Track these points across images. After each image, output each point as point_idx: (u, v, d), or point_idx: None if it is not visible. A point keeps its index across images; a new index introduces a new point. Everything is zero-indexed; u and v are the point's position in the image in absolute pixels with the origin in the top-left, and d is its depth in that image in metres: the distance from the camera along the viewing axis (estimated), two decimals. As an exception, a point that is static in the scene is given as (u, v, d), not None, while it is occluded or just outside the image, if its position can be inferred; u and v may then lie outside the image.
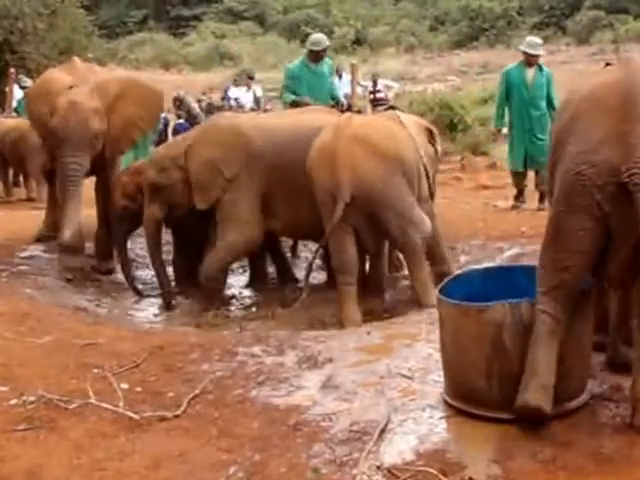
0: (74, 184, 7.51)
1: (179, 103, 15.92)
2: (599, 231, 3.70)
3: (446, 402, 4.19)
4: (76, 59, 8.56)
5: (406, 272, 7.14)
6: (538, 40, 10.42)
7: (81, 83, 7.78)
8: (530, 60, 9.90)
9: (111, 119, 7.76)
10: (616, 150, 3.58)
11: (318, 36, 9.59)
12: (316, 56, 9.16)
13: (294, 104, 8.76)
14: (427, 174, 6.88)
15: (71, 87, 7.70)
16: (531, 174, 10.18)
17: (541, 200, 9.64)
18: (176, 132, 13.74)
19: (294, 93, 8.95)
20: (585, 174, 3.64)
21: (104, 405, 4.27)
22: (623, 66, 3.83)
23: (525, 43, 10.14)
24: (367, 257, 7.11)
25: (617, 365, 4.34)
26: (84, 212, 7.88)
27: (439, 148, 7.25)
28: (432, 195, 7.14)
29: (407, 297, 7.01)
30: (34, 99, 8.24)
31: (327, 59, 9.49)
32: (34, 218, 9.09)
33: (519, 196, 10.21)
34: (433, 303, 6.21)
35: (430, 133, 7.14)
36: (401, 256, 7.31)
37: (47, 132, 7.76)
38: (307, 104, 8.42)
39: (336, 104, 8.87)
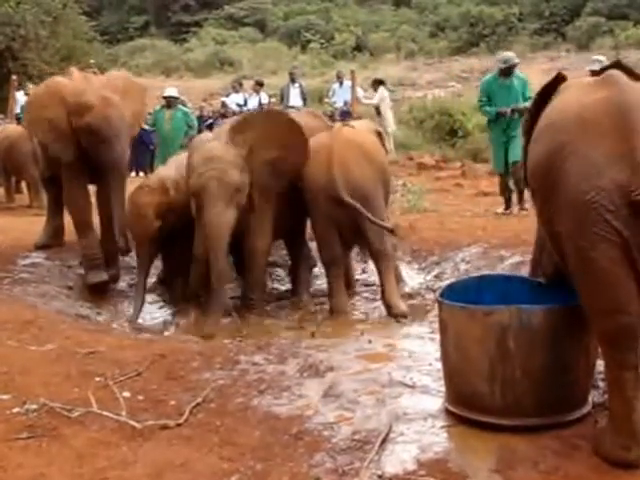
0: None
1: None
2: (628, 258, 3.45)
3: (448, 410, 4.20)
4: (74, 69, 8.54)
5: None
6: (599, 57, 10.48)
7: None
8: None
9: None
10: (621, 171, 3.41)
11: (507, 54, 10.75)
12: (505, 72, 10.25)
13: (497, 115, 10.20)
14: None
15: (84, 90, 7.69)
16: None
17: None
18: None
19: (489, 104, 10.31)
20: (595, 200, 3.43)
21: (106, 414, 4.27)
22: (608, 84, 3.67)
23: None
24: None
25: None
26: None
27: (388, 147, 8.01)
28: None
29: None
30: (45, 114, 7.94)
31: (519, 73, 10.54)
32: (36, 225, 9.08)
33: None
34: (401, 310, 6.78)
35: (379, 135, 7.68)
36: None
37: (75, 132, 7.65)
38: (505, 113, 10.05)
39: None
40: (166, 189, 7.20)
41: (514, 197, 10.42)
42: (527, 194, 9.95)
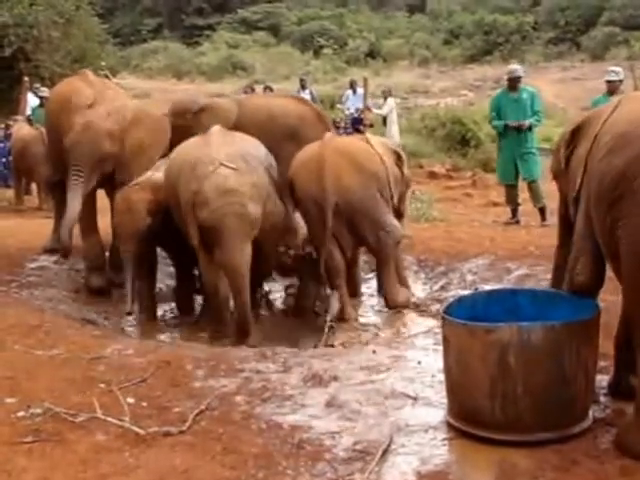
0: (72, 195, 7.60)
1: None
2: None
3: (449, 424, 4.21)
4: (88, 72, 8.59)
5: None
6: (615, 68, 10.34)
7: (100, 100, 7.85)
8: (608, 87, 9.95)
9: (125, 143, 7.82)
10: None
11: (513, 66, 11.11)
12: (511, 84, 10.42)
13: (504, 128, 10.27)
14: (392, 194, 7.30)
15: (90, 106, 7.76)
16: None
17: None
18: None
19: (499, 118, 10.39)
20: None
21: (110, 419, 4.29)
22: None
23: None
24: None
25: (620, 390, 4.36)
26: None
27: (406, 170, 7.69)
28: (401, 215, 7.63)
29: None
30: (55, 111, 8.22)
31: (526, 86, 10.69)
32: (44, 227, 9.11)
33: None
34: (398, 302, 7.02)
35: (397, 156, 7.59)
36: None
37: (63, 146, 7.74)
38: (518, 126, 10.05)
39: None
40: (157, 189, 7.17)
41: (520, 209, 10.41)
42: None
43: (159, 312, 7.75)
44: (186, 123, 8.36)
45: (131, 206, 7.13)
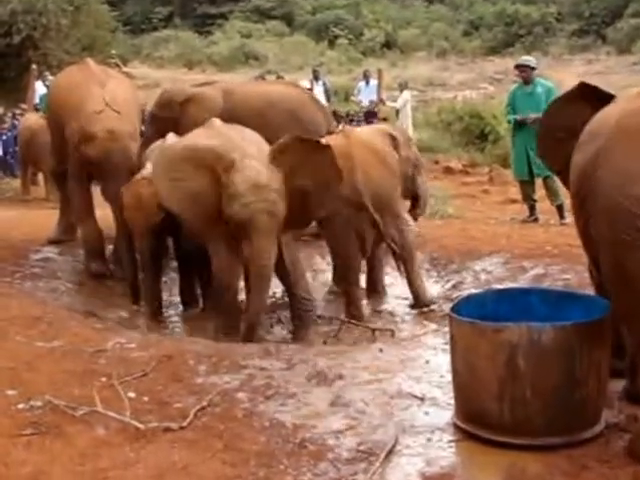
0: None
1: None
2: None
3: (456, 425, 4.14)
4: (89, 60, 8.56)
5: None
6: None
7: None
8: None
9: None
10: None
11: (525, 57, 11.08)
12: (523, 76, 10.25)
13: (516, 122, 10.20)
14: None
15: (101, 112, 7.72)
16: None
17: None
18: None
19: (514, 112, 10.28)
20: (629, 210, 3.44)
21: (110, 414, 4.24)
22: None
23: None
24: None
25: (634, 396, 4.26)
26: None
27: (403, 152, 7.50)
28: (417, 197, 7.87)
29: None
30: (57, 103, 8.24)
31: (542, 80, 10.53)
32: (50, 219, 9.13)
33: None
34: (427, 299, 7.06)
35: (392, 138, 7.39)
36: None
37: (79, 153, 7.74)
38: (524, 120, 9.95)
39: None
40: None
41: (538, 207, 10.31)
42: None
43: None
44: (173, 114, 8.36)
45: (142, 201, 7.03)
